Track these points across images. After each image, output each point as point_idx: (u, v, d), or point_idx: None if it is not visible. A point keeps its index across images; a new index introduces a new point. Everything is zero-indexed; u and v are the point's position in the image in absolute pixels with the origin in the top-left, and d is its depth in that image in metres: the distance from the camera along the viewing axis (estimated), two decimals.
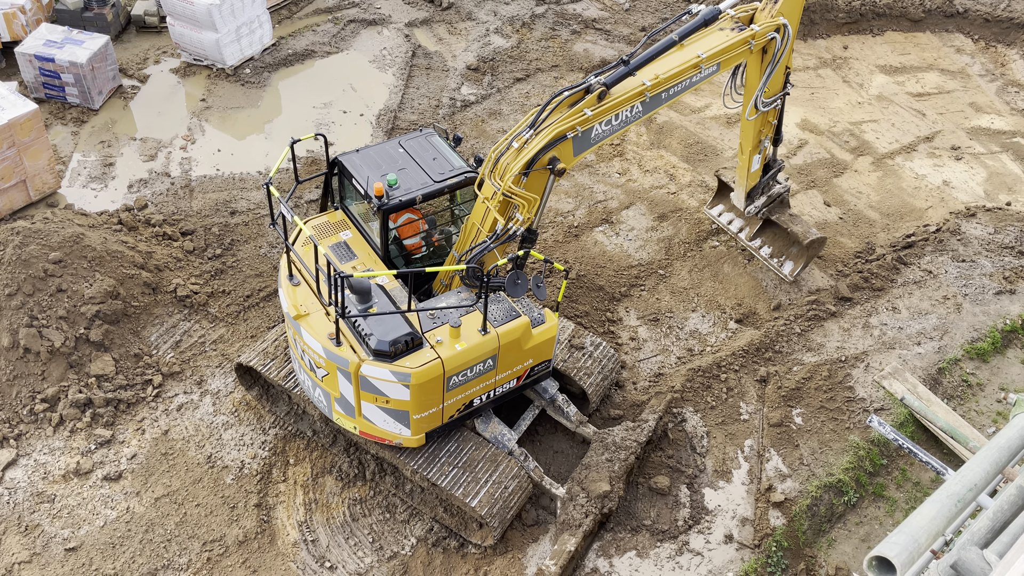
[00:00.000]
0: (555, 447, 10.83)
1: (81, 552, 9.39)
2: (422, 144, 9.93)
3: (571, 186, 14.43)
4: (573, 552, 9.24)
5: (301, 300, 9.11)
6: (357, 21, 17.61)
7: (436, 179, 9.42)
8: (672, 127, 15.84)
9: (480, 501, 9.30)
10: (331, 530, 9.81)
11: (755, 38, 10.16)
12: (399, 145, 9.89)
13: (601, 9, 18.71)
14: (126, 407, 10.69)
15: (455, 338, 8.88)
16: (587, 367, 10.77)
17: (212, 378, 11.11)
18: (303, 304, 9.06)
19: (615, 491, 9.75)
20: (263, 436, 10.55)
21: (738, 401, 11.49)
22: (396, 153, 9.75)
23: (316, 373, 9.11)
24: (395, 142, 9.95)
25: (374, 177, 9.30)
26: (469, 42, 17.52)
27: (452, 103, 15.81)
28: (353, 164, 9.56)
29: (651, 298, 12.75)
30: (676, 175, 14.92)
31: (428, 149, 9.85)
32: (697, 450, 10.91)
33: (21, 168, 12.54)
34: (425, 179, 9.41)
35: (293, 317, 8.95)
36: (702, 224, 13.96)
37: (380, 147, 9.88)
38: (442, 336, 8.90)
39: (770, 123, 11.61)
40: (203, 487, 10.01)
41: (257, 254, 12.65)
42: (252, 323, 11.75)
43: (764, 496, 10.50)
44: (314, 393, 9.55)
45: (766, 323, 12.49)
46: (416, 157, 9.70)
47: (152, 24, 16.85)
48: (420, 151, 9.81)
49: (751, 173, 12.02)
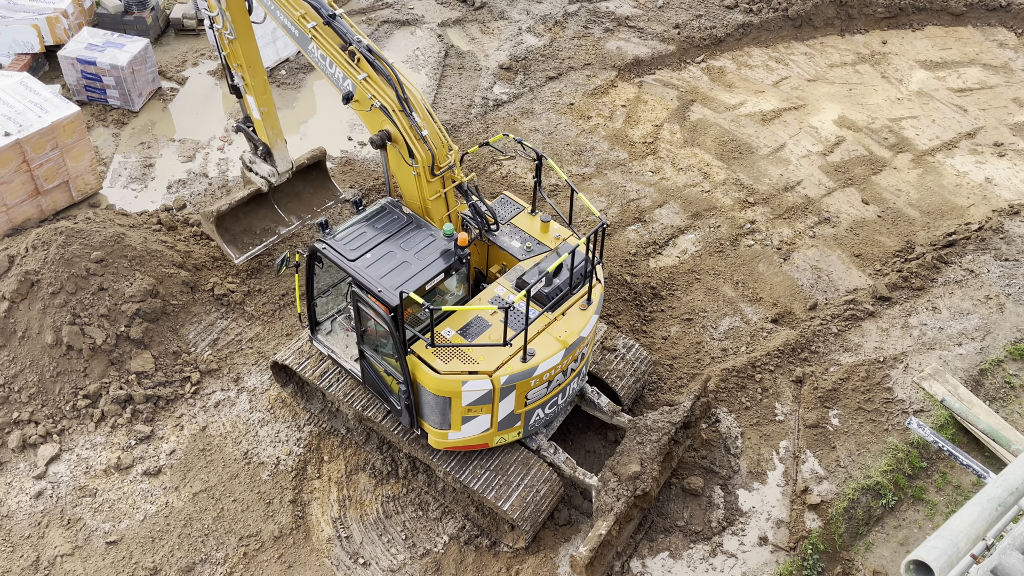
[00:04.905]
0: (587, 446, 10.80)
1: (121, 545, 9.59)
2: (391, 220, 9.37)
3: (603, 185, 14.38)
4: (605, 536, 9.13)
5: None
6: (390, 22, 17.72)
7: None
8: (706, 125, 15.71)
9: (512, 504, 9.31)
10: (364, 527, 9.90)
11: None
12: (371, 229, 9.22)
13: (634, 6, 18.62)
14: (165, 404, 10.89)
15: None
16: (619, 369, 10.72)
17: (248, 375, 11.27)
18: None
19: (647, 472, 9.36)
20: (298, 433, 10.68)
21: (773, 402, 11.36)
22: (378, 241, 9.10)
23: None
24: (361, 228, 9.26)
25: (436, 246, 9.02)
26: (501, 41, 17.54)
27: (484, 102, 15.84)
28: (362, 267, 8.80)
29: (684, 297, 12.66)
30: (710, 173, 14.80)
31: (396, 219, 9.35)
32: (731, 451, 10.81)
33: (64, 169, 12.83)
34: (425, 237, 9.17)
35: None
36: (737, 223, 13.83)
37: (355, 237, 9.13)
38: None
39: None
40: (240, 483, 10.17)
41: (292, 253, 12.81)
42: (287, 322, 11.90)
43: (800, 498, 10.36)
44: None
45: (802, 323, 12.33)
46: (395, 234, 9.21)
47: (190, 27, 17.13)
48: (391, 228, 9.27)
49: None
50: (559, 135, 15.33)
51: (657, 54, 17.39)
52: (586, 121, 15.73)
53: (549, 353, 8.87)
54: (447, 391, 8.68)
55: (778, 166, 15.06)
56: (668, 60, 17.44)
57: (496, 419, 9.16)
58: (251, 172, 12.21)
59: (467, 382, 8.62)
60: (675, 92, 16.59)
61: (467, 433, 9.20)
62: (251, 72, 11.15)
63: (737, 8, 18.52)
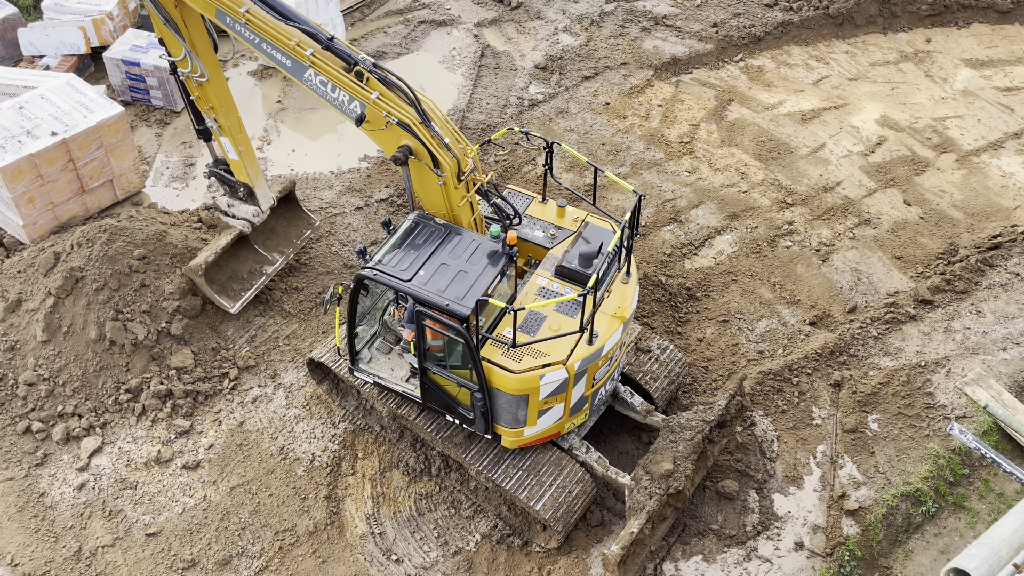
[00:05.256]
0: (620, 448, 10.76)
1: (161, 537, 9.77)
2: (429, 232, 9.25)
3: (639, 184, 14.30)
4: (638, 534, 9.07)
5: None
6: (427, 22, 17.82)
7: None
8: (744, 124, 15.54)
9: (544, 505, 9.30)
10: (397, 524, 9.97)
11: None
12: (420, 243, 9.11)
13: (672, 5, 18.48)
14: (204, 399, 11.08)
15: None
16: (653, 370, 10.65)
17: (285, 372, 11.42)
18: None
19: (680, 470, 9.31)
20: (333, 430, 10.79)
21: (810, 405, 11.20)
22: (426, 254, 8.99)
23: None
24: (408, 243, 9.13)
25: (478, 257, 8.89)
26: (537, 41, 17.53)
27: (520, 102, 15.85)
28: (421, 284, 8.66)
29: (720, 299, 12.53)
30: (748, 173, 14.63)
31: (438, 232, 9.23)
32: (767, 455, 10.68)
33: (108, 168, 13.12)
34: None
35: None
36: (775, 224, 13.66)
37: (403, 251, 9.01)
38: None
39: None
40: (276, 478, 10.30)
41: (329, 252, 12.94)
42: (323, 319, 12.03)
43: (837, 504, 10.20)
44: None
45: (841, 326, 12.14)
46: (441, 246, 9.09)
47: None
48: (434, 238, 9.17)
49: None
50: (594, 135, 15.28)
51: (695, 53, 17.23)
52: (622, 121, 15.66)
53: (611, 331, 9.03)
54: (525, 389, 8.72)
55: (818, 166, 14.83)
56: (706, 59, 17.28)
57: (569, 406, 9.27)
58: (229, 216, 11.62)
59: (544, 375, 8.69)
60: (712, 91, 16.43)
61: (542, 426, 9.30)
62: (225, 112, 10.56)
63: (777, 6, 18.29)
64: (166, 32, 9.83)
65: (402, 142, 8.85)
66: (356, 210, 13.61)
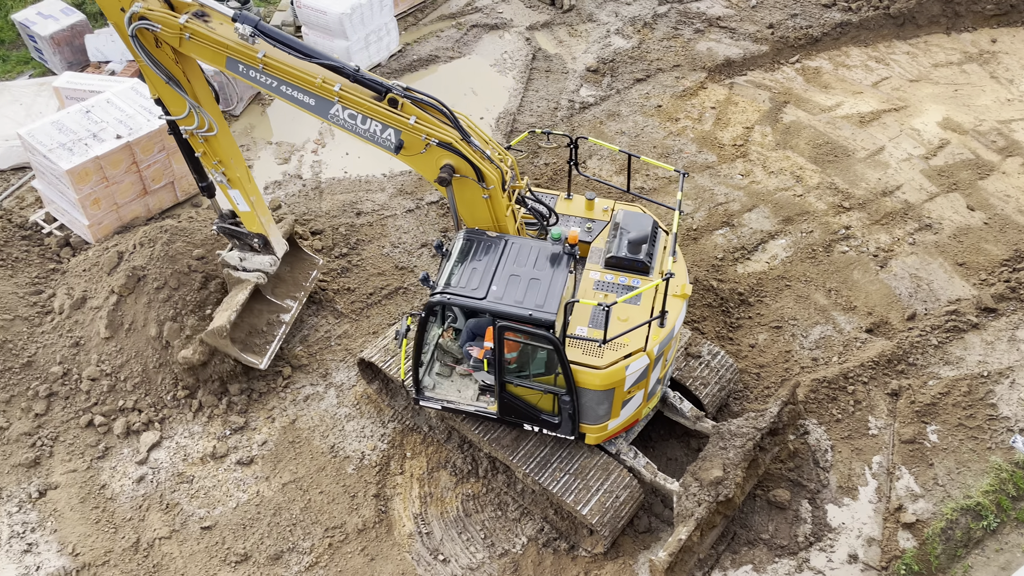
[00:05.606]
0: (668, 454, 10.65)
1: (215, 531, 10.00)
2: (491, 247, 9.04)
3: (690, 188, 14.15)
4: (686, 542, 8.97)
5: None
6: (479, 26, 17.92)
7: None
8: (800, 127, 15.26)
9: (591, 509, 9.26)
10: (445, 524, 10.03)
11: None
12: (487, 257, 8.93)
13: (726, 6, 18.25)
14: (258, 396, 11.31)
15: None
16: (703, 376, 10.52)
17: (336, 371, 11.59)
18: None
19: (730, 477, 9.20)
20: (382, 429, 10.91)
21: (866, 415, 10.93)
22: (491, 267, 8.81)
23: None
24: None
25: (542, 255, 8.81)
26: (589, 44, 17.49)
27: (571, 105, 15.82)
28: (497, 299, 8.51)
29: (773, 304, 12.32)
30: (803, 177, 14.36)
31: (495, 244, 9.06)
32: (820, 464, 10.45)
33: (170, 170, 13.50)
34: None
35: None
36: (831, 228, 13.37)
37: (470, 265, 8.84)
38: None
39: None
40: (326, 475, 10.46)
41: (380, 253, 13.10)
42: (374, 320, 12.18)
43: (893, 516, 9.93)
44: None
45: (899, 333, 11.82)
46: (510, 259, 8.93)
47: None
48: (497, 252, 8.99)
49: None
50: (646, 137, 15.17)
51: (749, 55, 16.99)
52: (674, 123, 15.52)
53: (676, 310, 9.07)
54: (612, 382, 8.76)
55: (876, 170, 14.48)
56: (761, 61, 17.02)
57: (647, 392, 9.32)
58: (241, 271, 11.11)
59: (630, 366, 8.74)
60: (767, 93, 16.18)
61: (624, 416, 9.35)
62: (234, 163, 10.02)
63: (835, 7, 17.91)
64: (166, 90, 9.27)
65: (443, 162, 8.67)
66: (407, 212, 13.76)
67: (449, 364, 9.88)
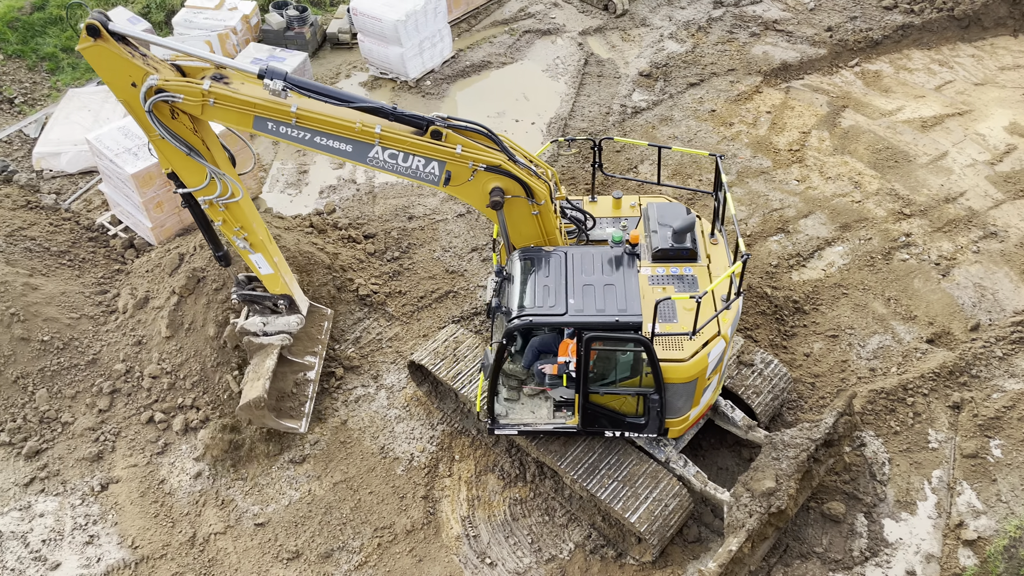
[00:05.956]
0: (719, 463, 10.50)
1: (268, 528, 10.20)
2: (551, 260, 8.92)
3: (744, 193, 13.95)
4: (736, 553, 8.82)
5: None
6: (532, 32, 17.97)
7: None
8: (859, 131, 14.92)
9: (639, 517, 9.18)
10: (492, 527, 10.05)
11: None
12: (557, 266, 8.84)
13: (783, 9, 17.97)
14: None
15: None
16: (756, 385, 10.35)
17: (387, 373, 11.72)
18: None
19: (783, 489, 9.04)
20: (431, 431, 10.99)
21: (926, 428, 10.61)
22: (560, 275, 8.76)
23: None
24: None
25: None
26: (642, 48, 17.39)
27: (623, 110, 15.75)
28: (580, 312, 8.41)
29: (830, 313, 12.06)
30: (862, 183, 14.03)
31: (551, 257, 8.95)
32: (877, 477, 10.18)
33: None
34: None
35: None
36: (890, 235, 13.04)
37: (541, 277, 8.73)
38: None
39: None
40: (376, 476, 10.58)
41: (431, 257, 13.22)
42: (424, 323, 12.29)
43: (953, 532, 9.62)
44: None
45: (962, 344, 11.45)
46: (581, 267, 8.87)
47: (345, 41, 18.08)
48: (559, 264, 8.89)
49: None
50: (699, 142, 15.01)
51: (807, 58, 16.69)
52: (728, 128, 15.32)
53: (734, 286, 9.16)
54: (697, 371, 8.80)
55: (939, 176, 14.07)
56: (818, 64, 16.71)
57: (721, 374, 9.38)
58: (263, 337, 10.68)
59: (711, 352, 8.81)
60: (825, 97, 15.86)
61: (702, 403, 9.45)
62: (255, 226, 9.59)
63: (896, 9, 17.50)
64: (183, 162, 8.80)
65: (491, 186, 8.56)
66: (458, 216, 13.86)
67: (514, 387, 9.78)
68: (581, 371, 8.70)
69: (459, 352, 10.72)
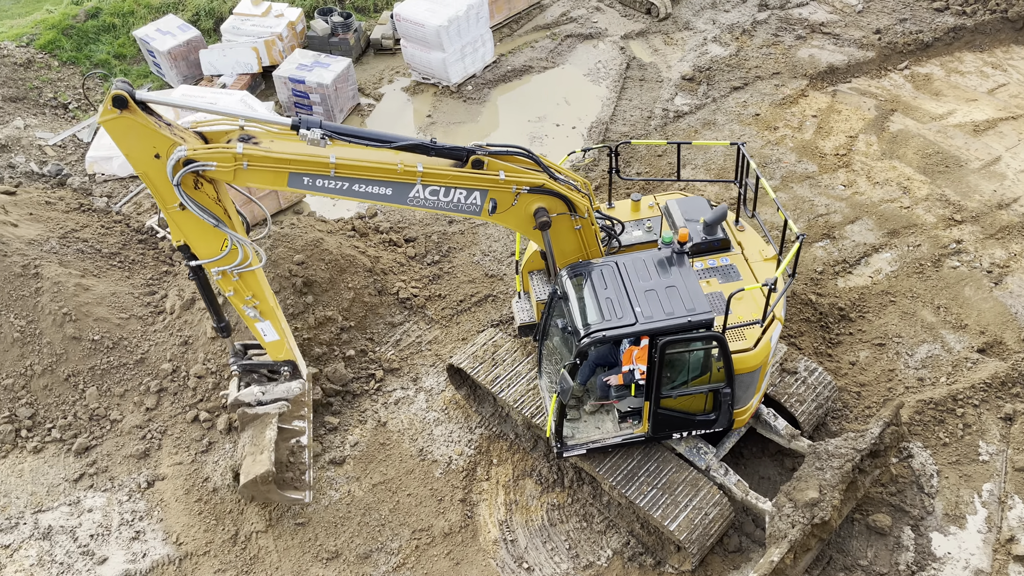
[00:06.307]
0: (761, 472, 10.33)
1: (308, 528, 10.31)
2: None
3: (789, 198, 13.73)
4: (778, 564, 8.66)
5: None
6: (574, 36, 17.95)
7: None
8: (908, 136, 14.60)
9: (679, 525, 9.08)
10: (529, 532, 10.03)
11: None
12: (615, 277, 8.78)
13: (830, 12, 17.68)
14: (351, 398, 11.61)
15: None
16: (800, 393, 10.17)
17: (426, 376, 11.79)
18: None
19: (826, 500, 8.86)
20: (470, 435, 11.02)
21: (976, 440, 10.32)
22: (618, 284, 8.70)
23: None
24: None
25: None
26: (685, 52, 17.25)
27: (664, 114, 15.64)
28: (650, 318, 8.40)
29: (876, 320, 11.80)
30: (911, 188, 13.72)
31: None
32: (925, 490, 9.93)
33: None
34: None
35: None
36: (940, 242, 12.72)
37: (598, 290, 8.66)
38: None
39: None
40: (414, 478, 10.64)
41: (471, 261, 13.27)
42: (464, 326, 12.33)
43: (1004, 547, 9.33)
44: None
45: (1015, 354, 11.12)
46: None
47: (388, 47, 18.26)
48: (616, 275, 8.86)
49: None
50: None
51: (854, 61, 16.40)
52: (772, 132, 15.11)
53: (773, 270, 9.39)
54: (763, 358, 8.87)
55: (991, 181, 13.70)
56: (866, 67, 16.40)
57: (775, 356, 9.48)
58: (261, 406, 10.12)
59: (773, 336, 8.89)
60: (873, 101, 15.56)
61: (763, 388, 9.58)
62: (266, 293, 9.15)
63: (948, 10, 17.10)
64: (201, 233, 8.29)
65: (534, 207, 8.52)
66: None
67: (573, 406, 9.67)
68: (654, 377, 8.64)
69: (497, 356, 10.74)
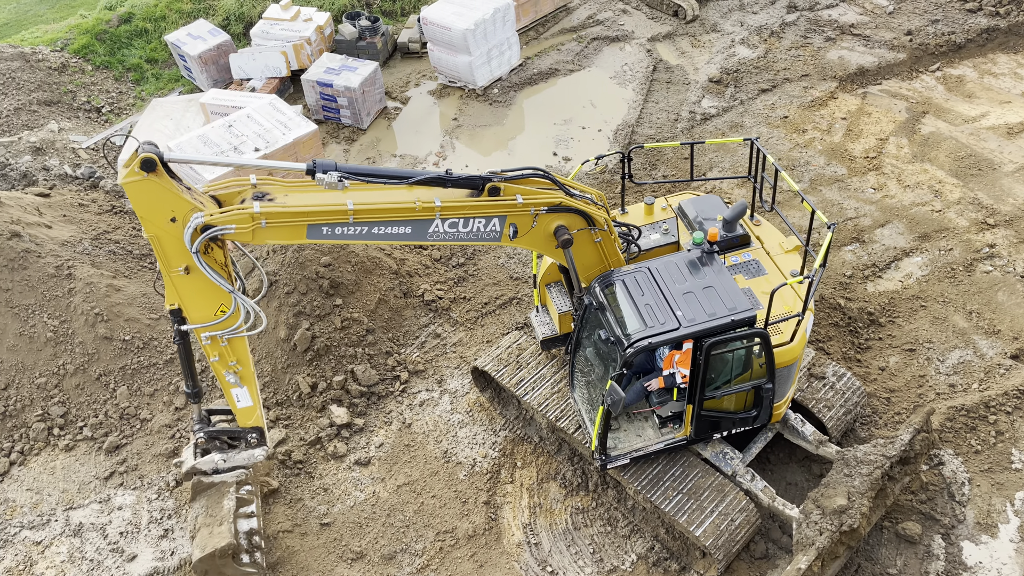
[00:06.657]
0: (788, 478, 10.22)
1: (333, 528, 10.38)
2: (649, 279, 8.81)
3: (818, 201, 13.59)
4: (805, 571, 8.55)
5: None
6: (600, 39, 17.92)
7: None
8: (939, 138, 14.38)
9: (705, 531, 9.01)
10: (553, 536, 10.01)
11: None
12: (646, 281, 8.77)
13: (860, 13, 17.48)
14: (376, 399, 11.68)
15: None
16: (828, 399, 10.05)
17: (451, 378, 11.82)
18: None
19: (855, 507, 8.74)
20: (494, 437, 11.02)
21: (1010, 447, 10.13)
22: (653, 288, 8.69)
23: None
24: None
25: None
26: (712, 54, 17.15)
27: (691, 116, 15.56)
28: (692, 320, 8.36)
29: (907, 326, 11.63)
30: (943, 191, 13.52)
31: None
32: (956, 498, 9.76)
33: None
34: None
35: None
36: (973, 246, 12.51)
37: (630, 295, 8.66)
38: None
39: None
40: (439, 480, 10.66)
41: (496, 264, 13.28)
42: (488, 329, 12.34)
43: None
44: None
45: None
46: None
47: (414, 50, 18.36)
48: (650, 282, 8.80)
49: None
50: (770, 149, 14.70)
51: (885, 63, 16.20)
52: (801, 135, 14.97)
53: (799, 261, 9.41)
54: (799, 351, 8.90)
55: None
56: (897, 69, 16.19)
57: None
58: (218, 474, 9.49)
59: (807, 328, 8.92)
60: (904, 103, 15.35)
61: (798, 381, 9.66)
62: (249, 359, 8.75)
63: (981, 11, 16.83)
64: (201, 297, 7.96)
65: (553, 226, 8.49)
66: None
67: (615, 412, 9.47)
68: (699, 379, 8.61)
69: (522, 359, 10.74)
